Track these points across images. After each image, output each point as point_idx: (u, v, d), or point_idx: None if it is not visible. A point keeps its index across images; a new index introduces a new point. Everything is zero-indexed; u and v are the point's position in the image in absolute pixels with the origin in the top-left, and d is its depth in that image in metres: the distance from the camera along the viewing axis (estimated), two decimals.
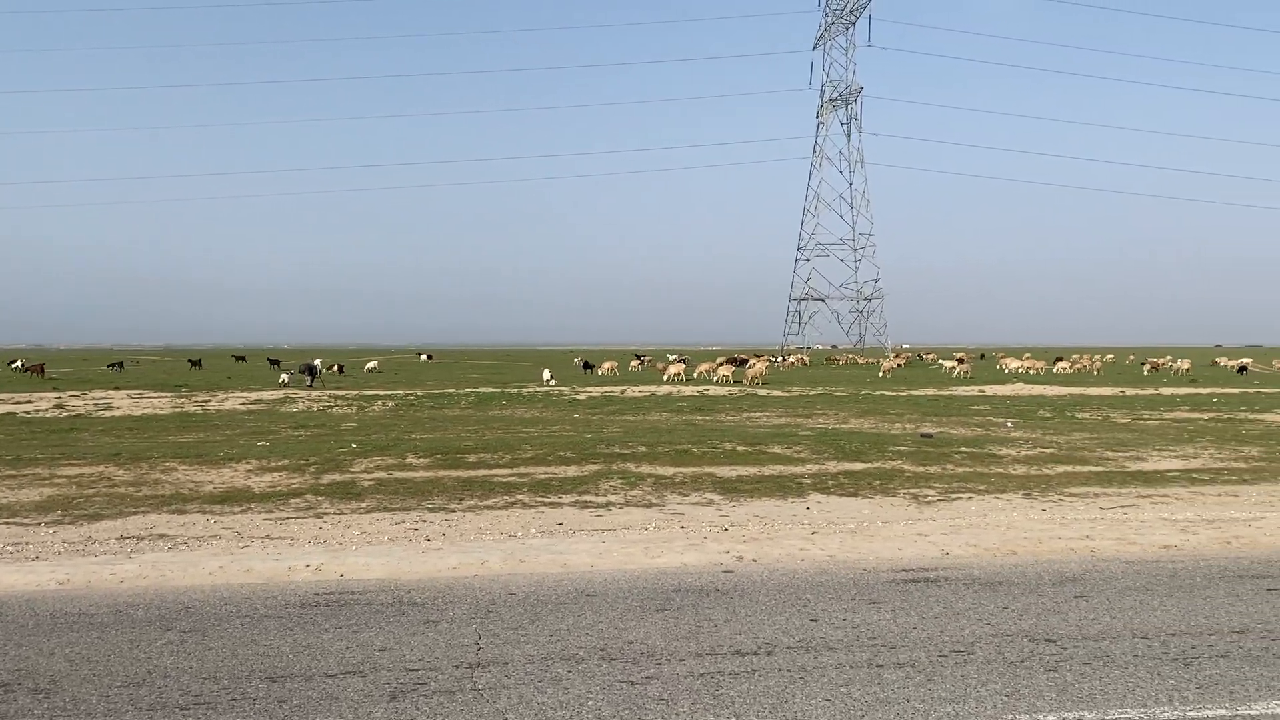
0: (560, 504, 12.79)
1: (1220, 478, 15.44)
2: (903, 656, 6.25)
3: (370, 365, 67.68)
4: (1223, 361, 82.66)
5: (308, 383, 43.89)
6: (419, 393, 37.55)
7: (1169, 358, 78.86)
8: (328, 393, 37.35)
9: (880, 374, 57.28)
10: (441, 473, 15.17)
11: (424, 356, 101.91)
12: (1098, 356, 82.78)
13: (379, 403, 32.02)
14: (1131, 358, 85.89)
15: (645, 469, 15.57)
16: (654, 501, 12.94)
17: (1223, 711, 5.30)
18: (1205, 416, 28.42)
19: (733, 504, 12.78)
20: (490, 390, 39.77)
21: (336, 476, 14.84)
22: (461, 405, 31.45)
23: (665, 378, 50.06)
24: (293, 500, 13.08)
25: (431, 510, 12.41)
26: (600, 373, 58.19)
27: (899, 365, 69.61)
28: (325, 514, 12.19)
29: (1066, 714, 5.27)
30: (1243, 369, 69.73)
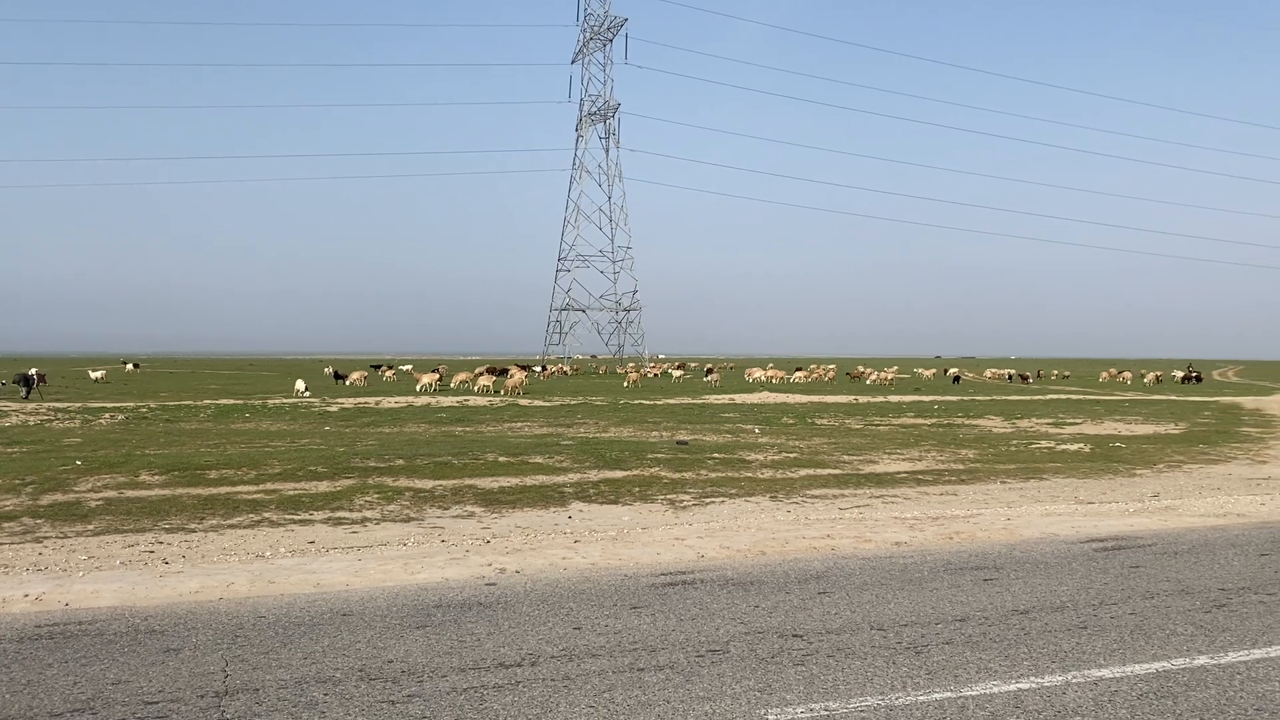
0: (312, 521, 12.24)
1: (942, 478, 16.86)
2: (663, 659, 6.41)
3: (97, 374, 62.20)
4: (924, 372, 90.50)
5: (23, 394, 39.82)
6: (152, 405, 34.87)
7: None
8: (46, 405, 33.99)
9: (625, 384, 58.21)
10: (180, 490, 14.14)
11: (130, 366, 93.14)
12: (830, 367, 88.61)
13: (106, 415, 29.48)
14: (861, 368, 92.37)
15: (403, 482, 15.18)
16: (413, 516, 12.64)
17: (949, 694, 5.77)
18: (929, 422, 30.97)
19: (495, 516, 12.68)
20: (232, 402, 37.52)
21: (58, 497, 13.52)
22: (200, 418, 29.47)
23: (418, 388, 49.10)
24: (5, 524, 11.80)
25: (169, 531, 11.55)
26: (350, 383, 56.24)
27: (653, 375, 71.56)
28: (46, 538, 11.08)
29: (814, 705, 5.57)
30: (956, 379, 76.69)
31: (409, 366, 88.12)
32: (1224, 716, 5.43)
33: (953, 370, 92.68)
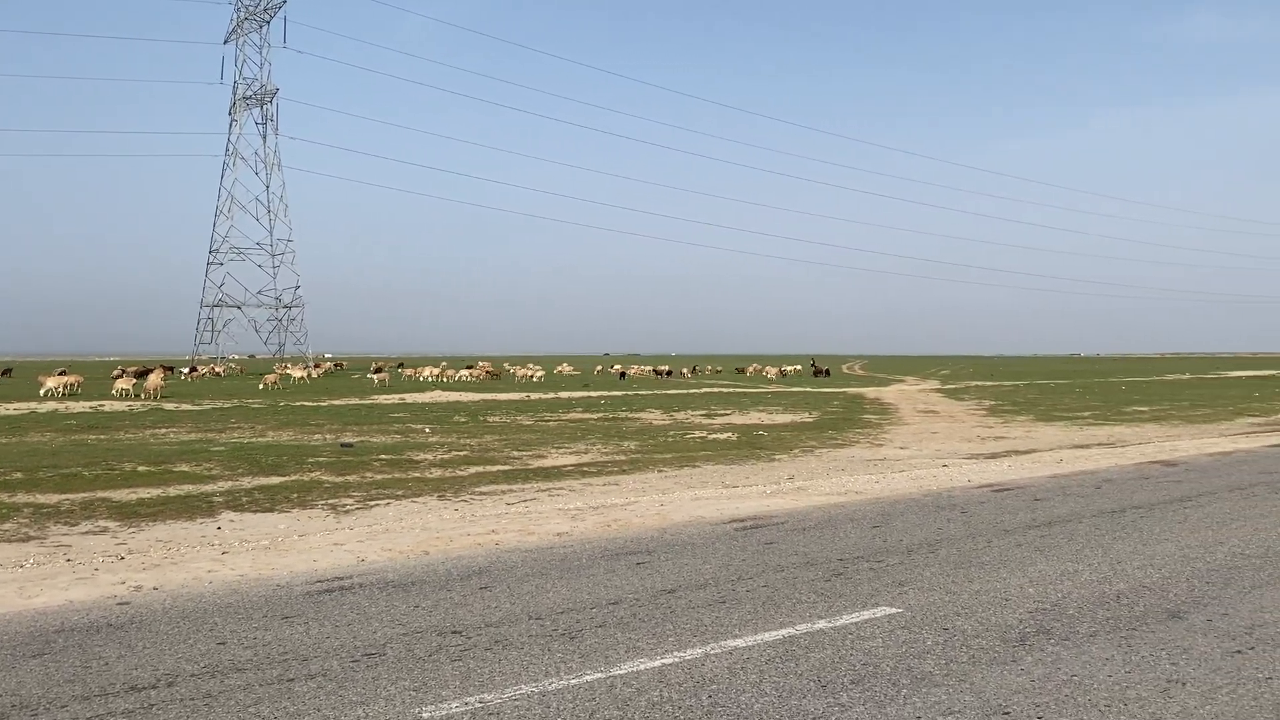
0: None
1: (605, 470, 17.55)
2: (315, 667, 6.20)
3: None
4: (564, 368, 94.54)
5: None
6: None
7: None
8: None
9: (260, 385, 55.07)
10: None
11: None
12: (485, 364, 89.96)
13: None
14: (507, 365, 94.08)
15: (21, 498, 13.55)
16: (32, 534, 11.30)
17: (600, 675, 6.04)
18: (595, 417, 32.10)
19: (132, 530, 11.63)
20: None
21: None
22: None
23: (43, 392, 43.92)
24: None
25: None
26: None
27: (307, 378, 68.70)
28: None
29: (469, 699, 5.62)
30: (623, 375, 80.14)
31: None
32: (836, 673, 6.08)
33: (617, 367, 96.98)
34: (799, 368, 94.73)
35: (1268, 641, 6.73)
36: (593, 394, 49.54)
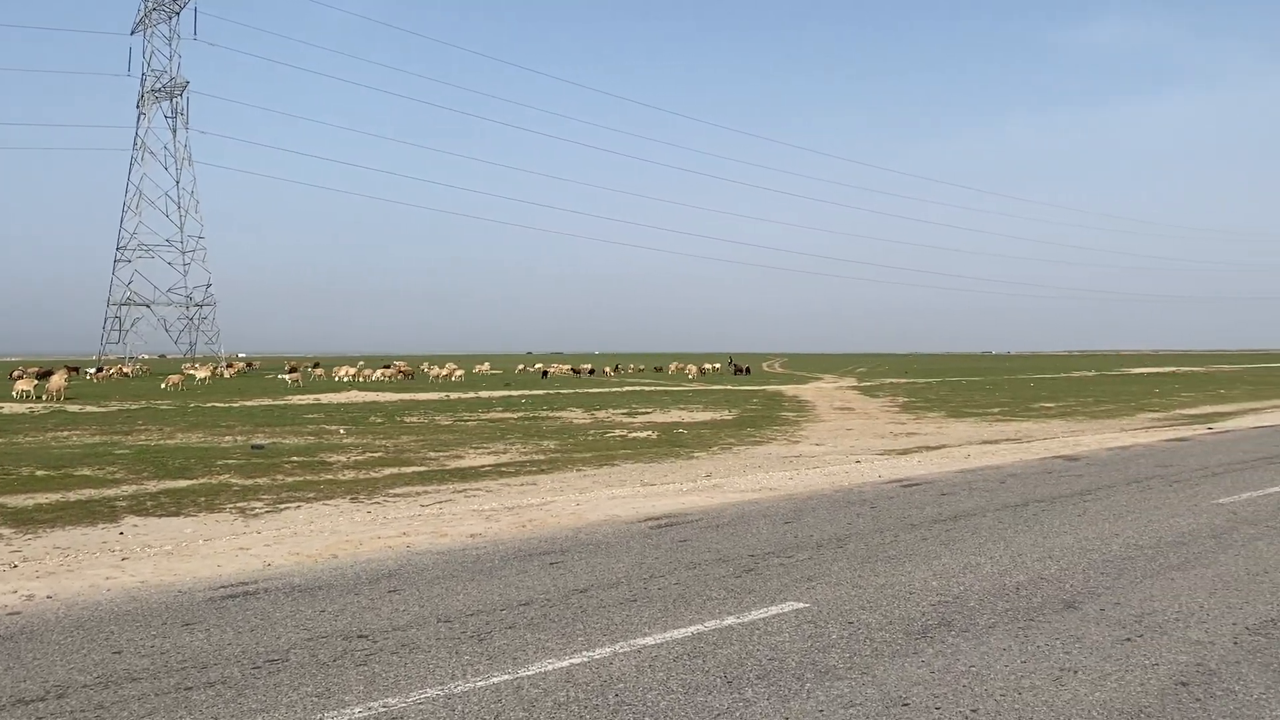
0: None
1: (524, 469, 17.47)
2: (214, 675, 6.05)
3: None
4: (483, 368, 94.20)
5: None
6: None
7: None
8: None
9: (164, 386, 53.47)
10: None
11: None
12: (401, 363, 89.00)
13: None
14: (428, 364, 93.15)
15: None
16: None
17: (508, 676, 6.01)
18: (516, 416, 31.92)
19: (28, 537, 11.21)
20: None
21: None
22: None
23: None
24: None
25: None
26: None
27: (214, 378, 67.18)
28: None
29: (373, 703, 5.55)
30: (545, 373, 79.92)
31: None
32: (743, 669, 6.16)
33: (539, 365, 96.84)
34: (718, 366, 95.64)
35: (1155, 629, 7.00)
36: (514, 393, 49.27)
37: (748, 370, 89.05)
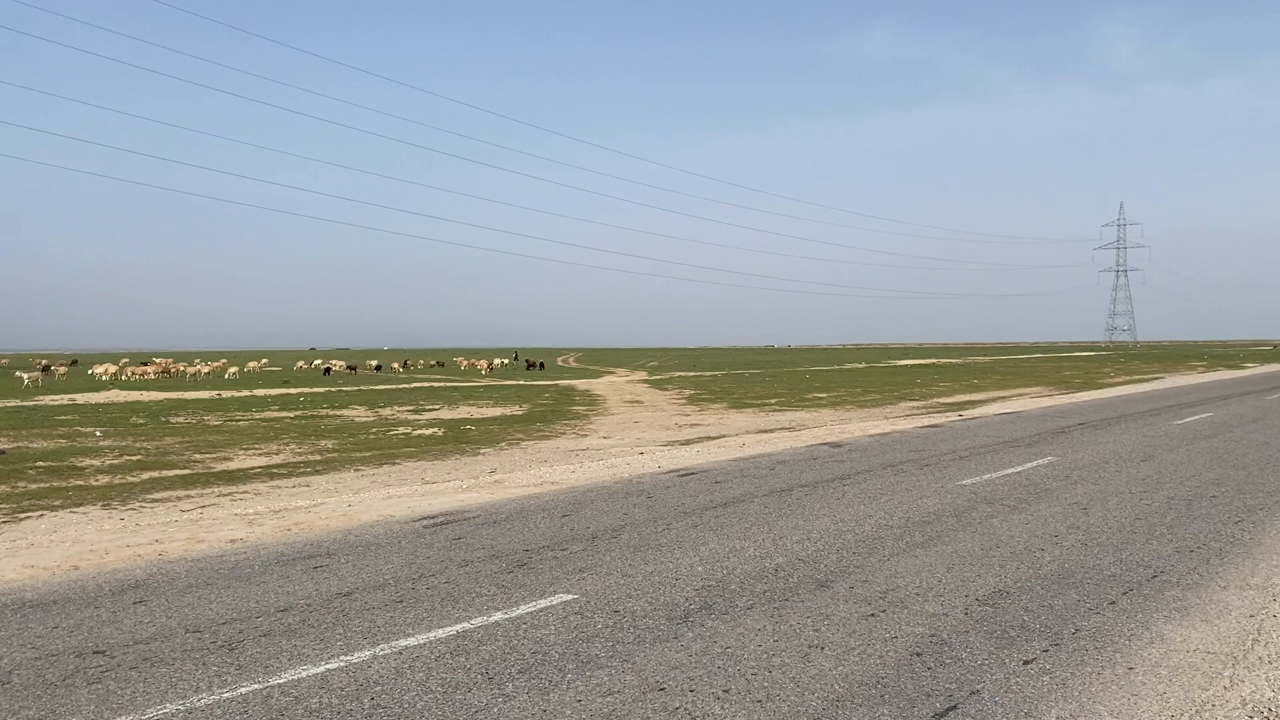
0: None
1: (297, 470, 16.77)
2: None
3: None
4: (318, 363, 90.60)
5: None
6: None
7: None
8: None
9: None
10: None
11: None
12: (165, 360, 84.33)
13: None
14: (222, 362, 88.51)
15: None
16: None
17: (258, 686, 5.75)
18: (293, 415, 30.62)
19: None
20: None
21: None
22: None
23: None
24: None
25: None
26: None
27: None
28: None
29: None
30: (327, 370, 77.31)
31: None
32: (505, 664, 6.14)
33: (318, 361, 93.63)
34: (507, 361, 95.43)
35: (897, 604, 7.50)
36: (292, 391, 47.24)
37: (541, 365, 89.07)
